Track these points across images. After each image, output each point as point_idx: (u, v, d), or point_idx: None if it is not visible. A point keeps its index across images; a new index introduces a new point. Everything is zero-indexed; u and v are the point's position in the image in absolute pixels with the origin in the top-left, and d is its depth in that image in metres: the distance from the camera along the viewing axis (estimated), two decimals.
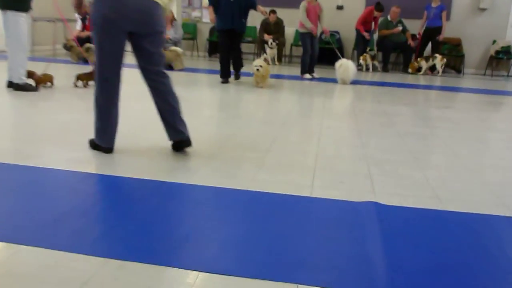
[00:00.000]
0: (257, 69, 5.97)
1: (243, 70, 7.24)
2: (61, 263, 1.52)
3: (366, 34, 8.86)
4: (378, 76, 8.56)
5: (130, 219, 1.85)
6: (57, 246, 1.62)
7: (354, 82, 6.99)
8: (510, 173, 2.78)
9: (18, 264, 1.51)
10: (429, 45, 9.29)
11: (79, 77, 5.30)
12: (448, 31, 9.36)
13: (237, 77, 6.61)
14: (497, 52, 9.35)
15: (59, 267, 1.50)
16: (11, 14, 4.57)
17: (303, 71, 7.53)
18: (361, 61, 9.09)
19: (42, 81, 5.04)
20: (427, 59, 9.10)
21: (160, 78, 2.72)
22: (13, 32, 4.63)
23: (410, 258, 1.66)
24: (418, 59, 9.13)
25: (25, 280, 1.42)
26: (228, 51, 6.24)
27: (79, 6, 3.04)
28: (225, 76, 6.39)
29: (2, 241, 1.64)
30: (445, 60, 8.98)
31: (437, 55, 8.99)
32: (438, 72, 9.06)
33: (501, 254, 1.72)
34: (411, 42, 9.21)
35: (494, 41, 9.48)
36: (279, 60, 9.96)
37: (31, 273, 1.46)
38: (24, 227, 1.75)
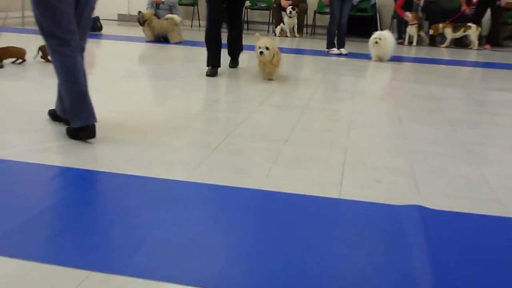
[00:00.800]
0: (261, 52, 4.73)
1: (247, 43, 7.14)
2: (33, 275, 1.54)
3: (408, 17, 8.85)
4: (424, 51, 8.48)
5: (117, 223, 1.86)
6: (28, 255, 1.63)
7: (393, 59, 6.93)
8: None
9: None
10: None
11: (42, 49, 5.32)
12: None
13: (233, 64, 5.65)
14: None
15: (31, 280, 1.51)
16: None
17: (329, 45, 7.49)
18: (407, 14, 8.86)
19: (3, 57, 5.05)
20: (455, 28, 8.92)
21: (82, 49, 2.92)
22: None
23: (463, 274, 1.65)
24: (442, 24, 8.91)
25: None
26: (216, 25, 5.04)
27: None
28: (212, 64, 5.13)
29: None
30: (480, 30, 8.81)
31: (471, 24, 8.82)
32: (473, 46, 8.91)
33: None
34: (465, 8, 9.09)
35: None
36: (300, 31, 9.92)
37: None
38: None
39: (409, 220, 2.01)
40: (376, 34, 6.72)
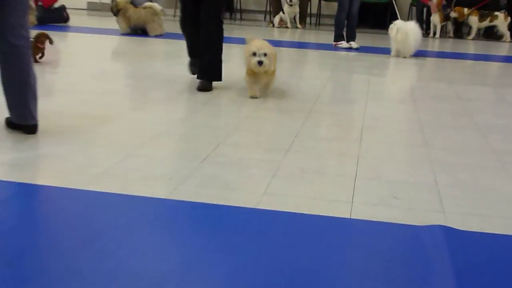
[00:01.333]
0: (259, 62, 4.00)
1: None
2: None
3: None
4: (448, 44, 8.52)
5: (87, 250, 1.85)
6: None
7: (413, 53, 6.96)
8: None
9: None
10: None
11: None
12: None
13: (203, 85, 4.42)
14: None
15: None
16: None
17: (337, 37, 7.52)
18: None
19: None
20: (482, 16, 8.94)
21: None
22: None
23: None
24: (467, 10, 8.90)
25: None
26: (192, 15, 4.41)
27: None
28: (193, 57, 4.64)
29: None
30: (510, 19, 8.85)
31: (498, 13, 8.86)
32: (506, 38, 8.94)
33: None
34: None
35: None
36: (303, 21, 9.95)
37: None
38: None
39: (433, 243, 2.01)
40: (398, 24, 6.65)
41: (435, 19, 9.13)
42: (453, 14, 9.03)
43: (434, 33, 9.25)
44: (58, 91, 4.23)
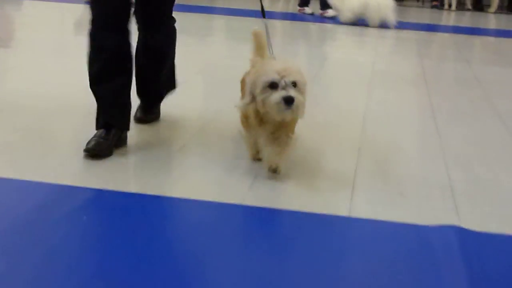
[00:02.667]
0: (287, 101, 2.24)
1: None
2: None
3: None
4: (466, 18, 8.52)
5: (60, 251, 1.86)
6: None
7: (425, 28, 6.95)
8: None
9: None
10: None
11: None
12: None
13: (145, 113, 3.17)
14: None
15: None
16: None
17: (302, 2, 7.46)
18: None
19: None
20: None
21: None
22: None
23: None
24: None
25: None
26: (114, 26, 2.76)
27: None
28: (104, 122, 2.73)
29: None
30: None
31: None
32: None
33: None
34: None
35: None
36: None
37: None
38: None
39: (444, 245, 2.02)
40: None
41: None
42: None
43: (450, 5, 9.25)
44: (10, 68, 4.18)
